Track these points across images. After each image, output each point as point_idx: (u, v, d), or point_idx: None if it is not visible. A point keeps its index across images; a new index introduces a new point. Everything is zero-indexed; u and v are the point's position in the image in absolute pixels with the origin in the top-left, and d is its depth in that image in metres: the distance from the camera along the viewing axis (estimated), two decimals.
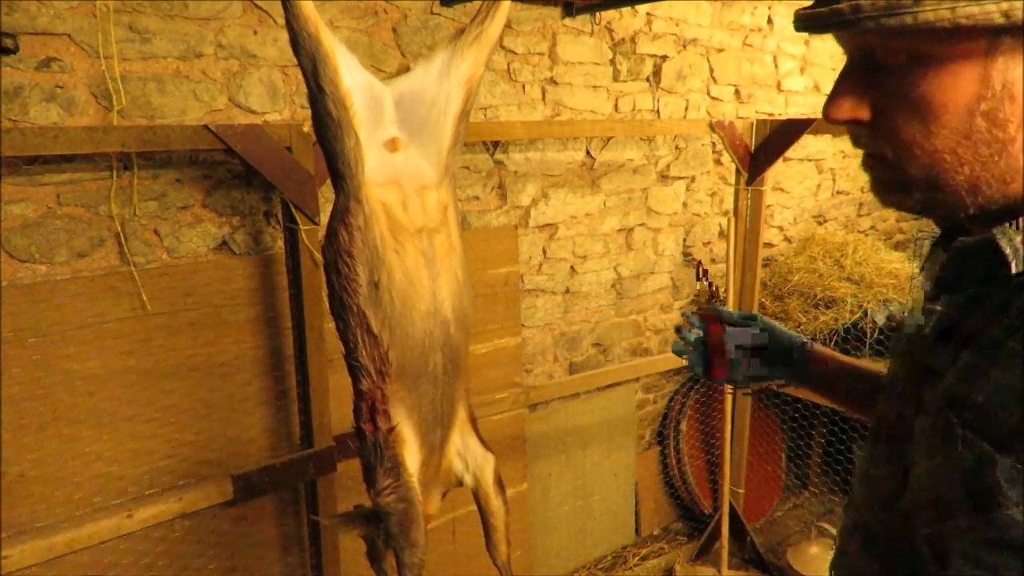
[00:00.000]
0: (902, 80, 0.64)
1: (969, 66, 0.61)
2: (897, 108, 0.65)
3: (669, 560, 3.25)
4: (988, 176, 0.65)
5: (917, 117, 0.64)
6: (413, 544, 1.13)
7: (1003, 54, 0.61)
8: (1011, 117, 0.62)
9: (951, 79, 0.62)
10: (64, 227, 1.84)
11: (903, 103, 0.65)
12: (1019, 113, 0.62)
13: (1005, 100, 0.62)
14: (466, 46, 1.15)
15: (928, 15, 0.57)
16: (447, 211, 1.16)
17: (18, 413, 1.79)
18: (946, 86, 0.63)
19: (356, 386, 1.11)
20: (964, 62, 0.62)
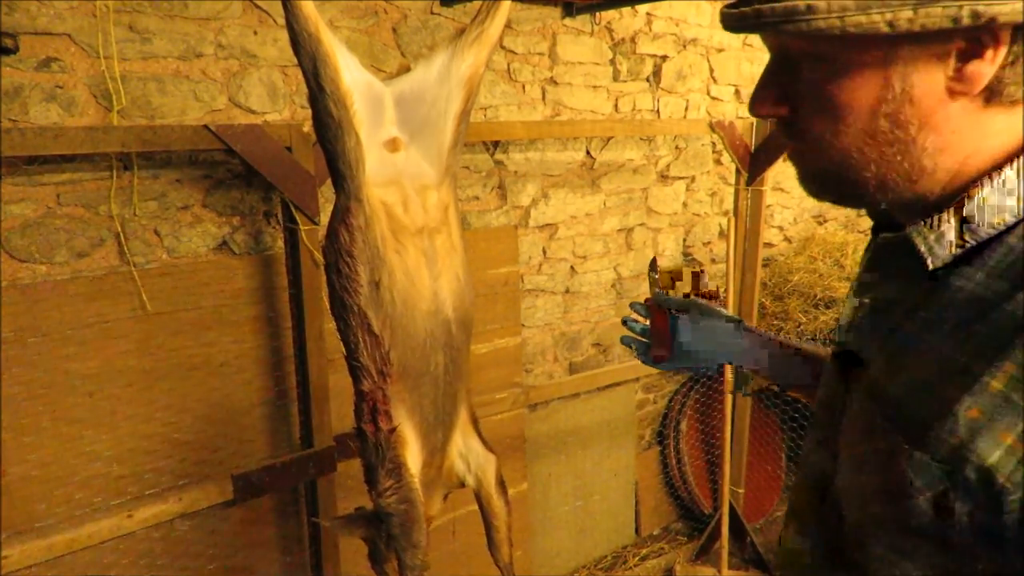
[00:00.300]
0: (812, 80, 0.67)
1: (870, 71, 0.65)
2: (809, 107, 0.69)
3: (669, 560, 3.25)
4: (894, 174, 0.68)
5: (826, 116, 0.68)
6: (415, 545, 1.13)
7: (901, 60, 0.64)
8: (912, 119, 0.66)
9: (854, 82, 0.65)
10: (64, 227, 1.84)
11: (814, 102, 0.68)
12: (919, 116, 0.66)
13: (905, 103, 0.65)
14: (466, 46, 1.15)
15: (820, 23, 0.60)
16: (448, 211, 1.16)
17: (18, 413, 1.79)
18: (850, 88, 0.66)
19: (357, 386, 1.11)
20: (865, 67, 0.65)
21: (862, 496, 0.69)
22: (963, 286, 0.65)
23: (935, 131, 0.66)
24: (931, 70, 0.64)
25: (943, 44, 0.63)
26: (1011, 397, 0.57)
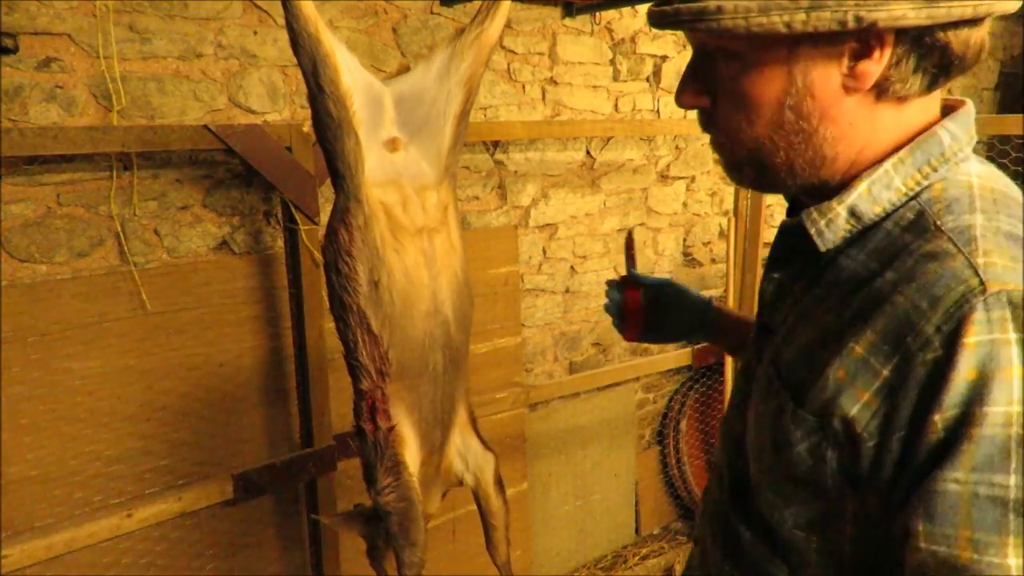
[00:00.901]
0: (726, 75, 0.73)
1: (775, 67, 0.71)
2: (724, 99, 0.75)
3: (669, 560, 3.25)
4: (801, 161, 0.75)
5: (739, 107, 0.74)
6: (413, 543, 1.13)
7: (802, 58, 0.70)
8: (813, 112, 0.72)
9: (762, 77, 0.72)
10: (64, 227, 1.84)
11: (728, 95, 0.74)
12: (819, 108, 0.72)
13: (807, 97, 0.72)
14: (466, 46, 1.15)
15: (727, 23, 0.66)
16: (447, 211, 1.16)
17: (18, 413, 1.79)
18: (759, 83, 0.72)
19: (356, 385, 1.11)
20: (771, 63, 0.71)
21: (759, 450, 0.78)
22: (847, 265, 0.74)
23: (833, 123, 0.73)
24: (828, 67, 0.70)
25: (837, 45, 0.69)
26: (869, 360, 0.66)
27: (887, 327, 0.66)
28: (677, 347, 3.40)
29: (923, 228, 0.70)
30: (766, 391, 0.78)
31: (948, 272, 0.64)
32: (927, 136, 0.74)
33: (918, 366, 0.63)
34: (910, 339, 0.64)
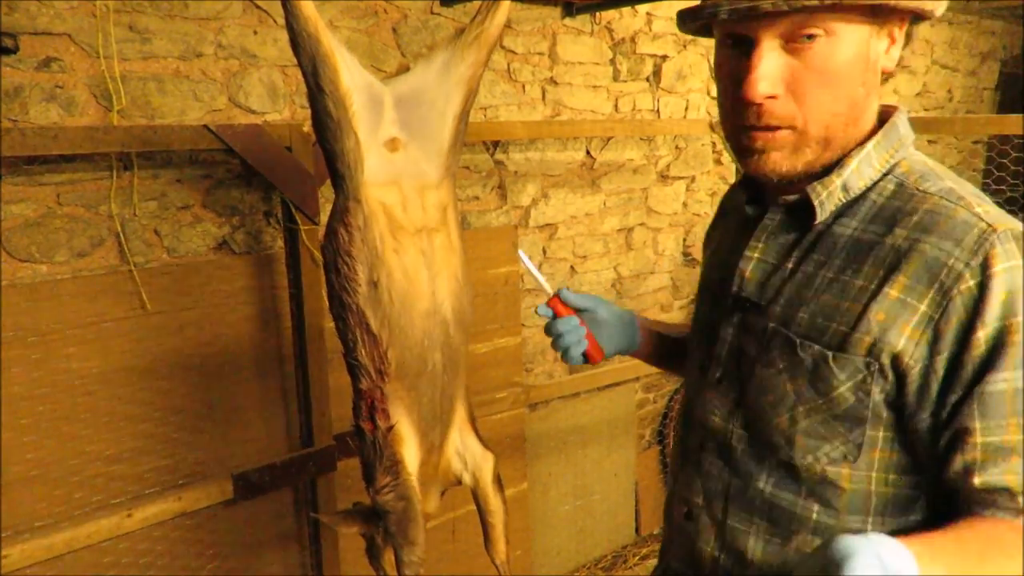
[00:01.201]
0: (819, 55, 0.80)
1: (859, 44, 0.81)
2: (811, 80, 0.81)
3: None
4: (843, 137, 0.86)
5: (827, 85, 0.82)
6: (412, 542, 1.13)
7: (874, 35, 0.82)
8: (871, 87, 0.85)
9: (851, 53, 0.81)
10: (64, 227, 1.84)
11: (817, 75, 0.81)
12: (873, 84, 0.85)
13: (871, 73, 0.84)
14: (466, 46, 1.15)
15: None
16: (447, 211, 1.16)
17: (18, 413, 1.79)
18: (848, 59, 0.81)
19: (355, 385, 1.11)
20: (857, 40, 0.81)
21: (791, 402, 0.87)
22: (843, 232, 0.87)
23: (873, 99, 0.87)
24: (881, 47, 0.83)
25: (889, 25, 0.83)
26: (906, 300, 0.79)
27: (918, 271, 0.78)
28: None
29: (908, 195, 0.84)
30: (783, 351, 0.87)
31: (960, 221, 0.79)
32: (892, 125, 0.88)
33: (955, 296, 0.77)
34: (944, 276, 0.77)
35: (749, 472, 0.93)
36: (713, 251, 1.12)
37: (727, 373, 0.96)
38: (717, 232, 1.14)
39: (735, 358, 0.94)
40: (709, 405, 0.98)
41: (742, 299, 0.94)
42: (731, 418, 0.95)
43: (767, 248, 0.93)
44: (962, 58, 4.42)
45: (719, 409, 0.96)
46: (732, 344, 0.95)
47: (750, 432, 0.92)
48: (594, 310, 1.19)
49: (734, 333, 0.95)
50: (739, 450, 0.94)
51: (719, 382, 0.97)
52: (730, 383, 0.95)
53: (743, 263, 0.95)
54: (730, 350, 0.95)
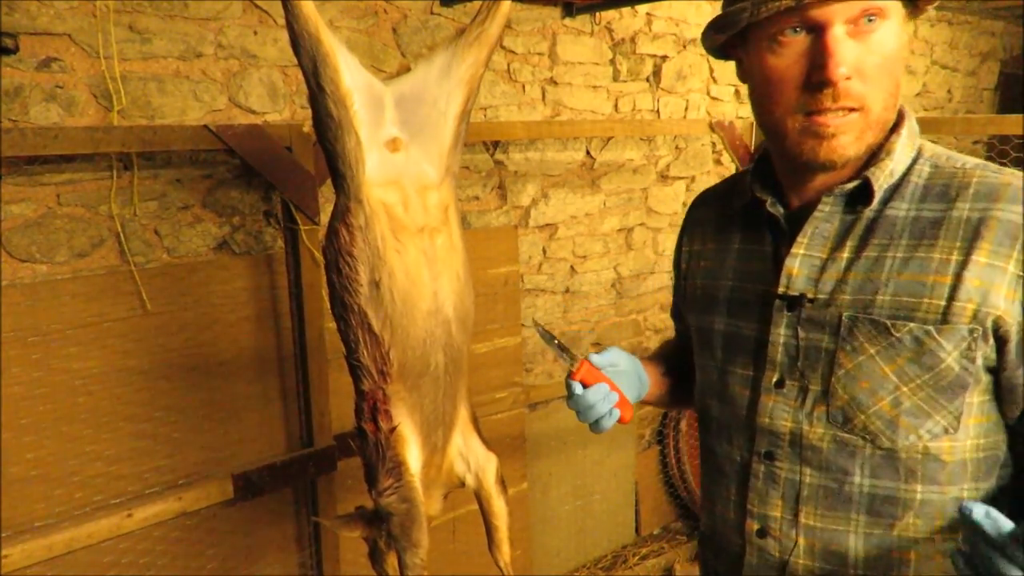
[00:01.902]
0: (883, 39, 0.85)
1: (902, 27, 0.87)
2: (877, 63, 0.85)
3: (669, 559, 3.25)
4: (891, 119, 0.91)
5: (890, 68, 0.86)
6: (415, 544, 1.13)
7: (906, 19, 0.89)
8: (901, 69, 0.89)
9: (900, 37, 0.87)
10: (64, 227, 1.84)
11: (883, 58, 0.85)
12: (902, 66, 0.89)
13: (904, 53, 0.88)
14: (466, 46, 1.15)
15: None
16: (448, 211, 1.16)
17: (18, 413, 1.79)
18: (899, 43, 0.87)
19: (357, 386, 1.11)
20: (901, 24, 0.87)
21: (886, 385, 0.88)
22: (896, 214, 0.90)
23: None
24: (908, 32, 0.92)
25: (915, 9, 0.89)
26: (994, 264, 0.84)
27: (999, 236, 0.83)
28: None
29: (949, 174, 0.90)
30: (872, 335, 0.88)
31: (1016, 187, 0.86)
32: (909, 115, 0.95)
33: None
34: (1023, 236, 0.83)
35: (841, 468, 0.91)
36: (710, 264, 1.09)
37: (789, 374, 0.95)
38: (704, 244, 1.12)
39: (798, 357, 0.94)
40: (774, 410, 0.96)
41: (792, 298, 0.94)
42: (808, 418, 0.93)
43: (811, 244, 0.94)
44: (962, 58, 4.43)
45: (787, 412, 0.95)
46: (790, 343, 0.94)
47: (839, 426, 0.91)
48: (616, 363, 1.10)
49: (788, 334, 0.94)
50: (825, 448, 0.92)
51: (779, 385, 0.96)
52: (796, 383, 0.94)
53: (789, 261, 0.94)
54: (788, 350, 0.95)
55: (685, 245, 1.18)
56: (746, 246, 1.04)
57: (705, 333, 1.08)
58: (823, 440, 0.92)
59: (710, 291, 1.08)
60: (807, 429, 0.93)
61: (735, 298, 1.03)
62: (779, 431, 0.95)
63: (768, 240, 1.01)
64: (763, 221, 1.01)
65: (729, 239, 1.07)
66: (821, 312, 0.91)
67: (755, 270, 1.01)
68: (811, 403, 0.93)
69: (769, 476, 0.97)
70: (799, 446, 0.94)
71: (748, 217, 1.05)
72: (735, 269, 1.04)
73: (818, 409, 0.92)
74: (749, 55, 0.94)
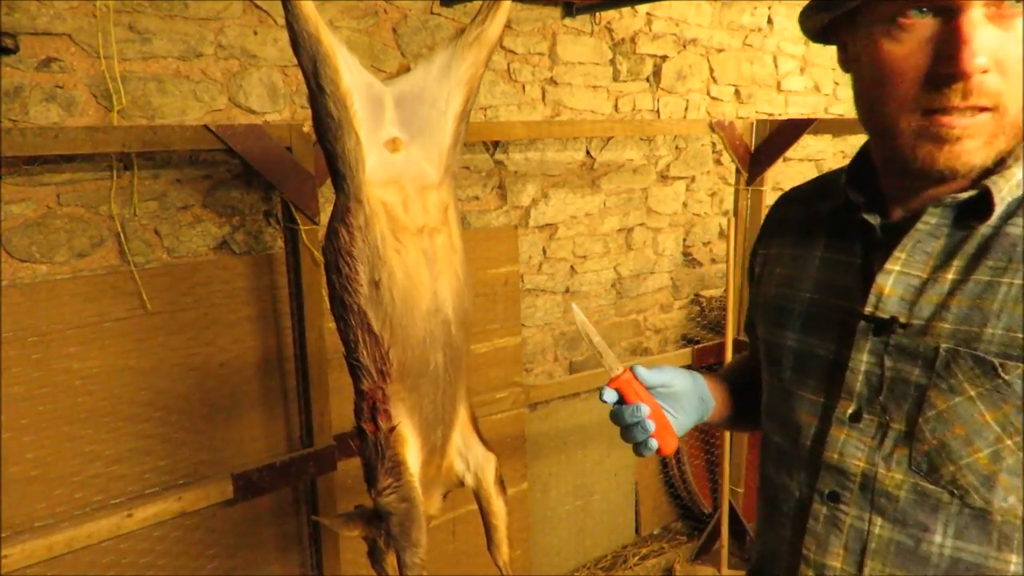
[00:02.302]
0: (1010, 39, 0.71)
1: None
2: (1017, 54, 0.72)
3: (669, 559, 3.25)
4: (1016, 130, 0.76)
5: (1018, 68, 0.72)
6: (414, 544, 1.13)
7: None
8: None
9: None
10: (64, 227, 1.84)
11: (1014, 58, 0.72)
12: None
13: None
14: (466, 46, 1.15)
15: None
16: (448, 211, 1.16)
17: (18, 413, 1.79)
18: None
19: (357, 386, 1.11)
20: None
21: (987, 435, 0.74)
22: (1018, 233, 0.75)
23: None
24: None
25: None
26: None
27: None
28: (677, 347, 3.40)
29: None
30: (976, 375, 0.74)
31: None
32: None
33: None
34: None
35: (920, 523, 0.78)
36: (787, 270, 0.97)
37: (869, 406, 0.82)
38: (782, 248, 1.00)
39: (881, 388, 0.81)
40: (846, 447, 0.84)
41: (882, 320, 0.81)
42: (886, 460, 0.80)
43: (910, 259, 0.81)
44: None
45: (861, 450, 0.82)
46: (872, 372, 0.82)
47: (920, 475, 0.78)
48: (670, 383, 0.99)
49: (873, 360, 0.81)
50: (902, 498, 0.79)
51: (854, 419, 0.83)
52: (876, 418, 0.82)
53: (882, 278, 0.81)
54: (869, 379, 0.82)
55: (761, 247, 1.06)
56: (831, 255, 0.91)
57: (774, 348, 0.96)
58: (901, 488, 0.79)
59: (784, 302, 0.95)
60: (883, 473, 0.80)
61: (812, 313, 0.91)
62: (849, 471, 0.83)
63: (858, 251, 0.87)
64: (854, 229, 0.88)
65: (812, 245, 0.94)
66: (914, 340, 0.78)
67: (839, 284, 0.88)
68: (891, 443, 0.80)
69: (831, 520, 0.85)
70: (871, 491, 0.81)
71: (837, 223, 0.92)
72: (816, 280, 0.92)
73: (899, 451, 0.79)
74: (858, 39, 0.80)
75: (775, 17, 3.45)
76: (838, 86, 3.83)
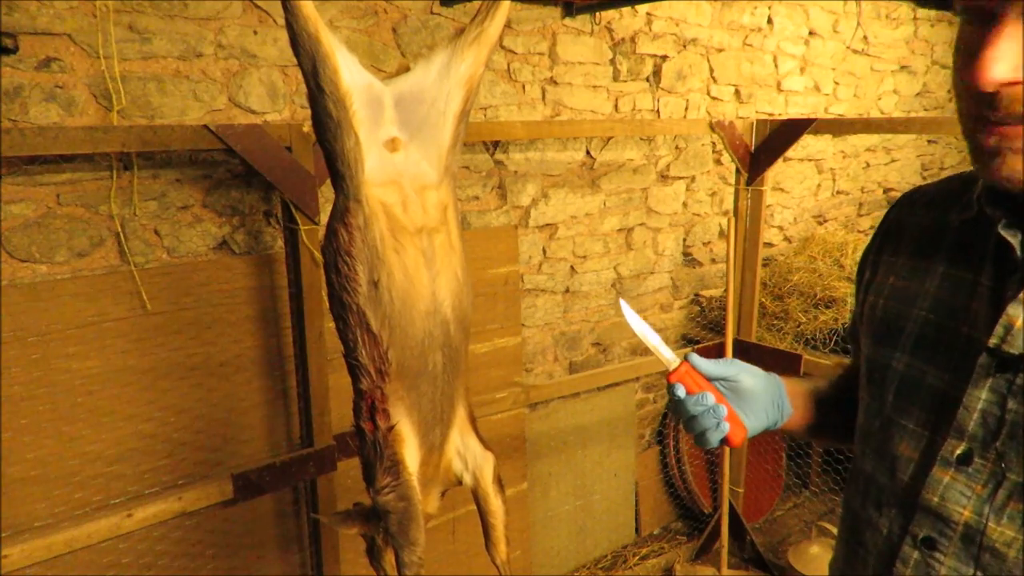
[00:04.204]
0: None
1: None
2: None
3: (669, 559, 3.25)
4: None
5: None
6: (412, 542, 1.13)
7: None
8: None
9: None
10: (64, 227, 1.84)
11: None
12: None
13: None
14: (466, 46, 1.15)
15: None
16: (447, 211, 1.16)
17: (18, 413, 1.79)
18: None
19: (356, 385, 1.11)
20: None
21: None
22: None
23: None
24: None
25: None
26: None
27: None
28: (677, 347, 3.40)
29: None
30: None
31: None
32: None
33: None
34: None
35: None
36: (902, 282, 0.87)
37: (982, 451, 0.73)
38: (897, 256, 0.90)
39: (999, 432, 0.72)
40: (949, 491, 0.75)
41: (1009, 356, 0.71)
42: (998, 513, 0.71)
43: None
44: None
45: (968, 498, 0.73)
46: (991, 412, 0.72)
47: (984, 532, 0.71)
48: (735, 378, 0.95)
49: (992, 400, 0.72)
50: (1011, 557, 0.70)
51: (963, 461, 0.74)
52: (990, 465, 0.72)
53: (1014, 309, 0.71)
54: (985, 421, 0.73)
55: (874, 251, 0.95)
56: (956, 271, 0.81)
57: (877, 368, 0.87)
58: (1011, 546, 0.70)
59: (895, 317, 0.86)
60: (991, 526, 0.72)
61: (927, 335, 0.81)
62: (950, 518, 0.75)
63: (989, 272, 0.76)
64: (987, 245, 0.77)
65: (933, 258, 0.84)
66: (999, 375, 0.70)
67: (962, 306, 0.78)
68: (1005, 495, 0.71)
69: (924, 569, 0.77)
70: (976, 544, 0.73)
71: (966, 235, 0.81)
72: (935, 299, 0.82)
73: (1013, 505, 0.70)
74: None
75: (775, 17, 3.45)
76: (838, 86, 3.83)
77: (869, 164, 4.19)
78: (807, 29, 3.63)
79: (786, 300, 3.27)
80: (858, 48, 3.87)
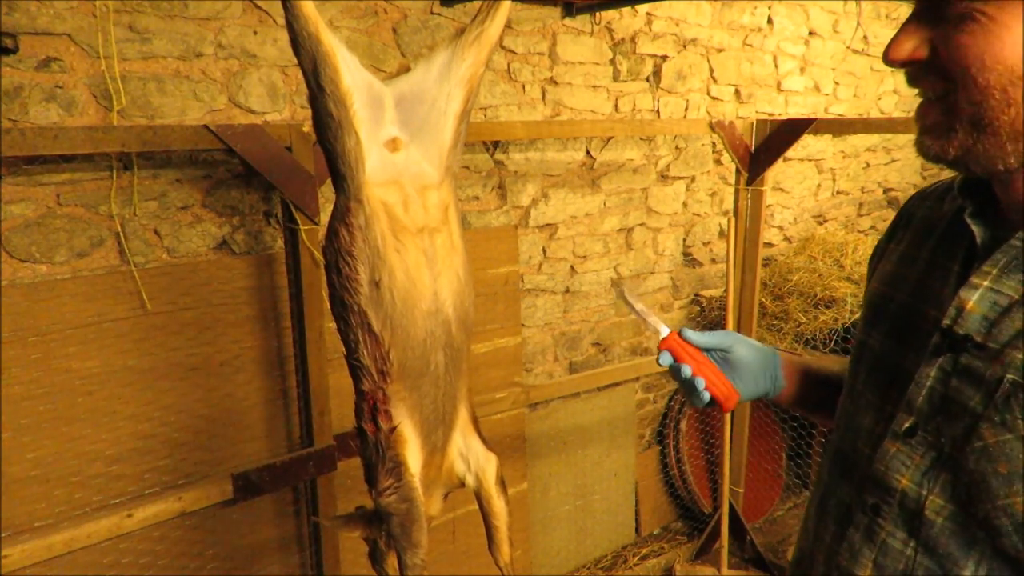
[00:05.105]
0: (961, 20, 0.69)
1: None
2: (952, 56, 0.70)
3: (669, 560, 3.25)
4: None
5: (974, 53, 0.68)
6: (415, 545, 1.13)
7: None
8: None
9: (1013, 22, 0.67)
10: (64, 227, 1.84)
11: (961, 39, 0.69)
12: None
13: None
14: (466, 46, 1.15)
15: None
16: (448, 211, 1.16)
17: (18, 413, 1.79)
18: None
19: (357, 386, 1.11)
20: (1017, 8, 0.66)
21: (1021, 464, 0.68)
22: None
23: None
24: None
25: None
26: None
27: None
28: None
29: None
30: None
31: None
32: None
33: None
34: None
35: (950, 555, 0.73)
36: (892, 267, 0.92)
37: (925, 425, 0.77)
38: (899, 244, 0.94)
39: (940, 408, 0.75)
40: (892, 461, 0.79)
41: (957, 337, 0.75)
42: (929, 482, 0.75)
43: (1001, 276, 0.74)
44: None
45: (908, 468, 0.78)
46: (935, 390, 0.76)
47: (959, 505, 0.73)
48: (729, 348, 1.01)
49: (939, 377, 0.76)
50: (937, 524, 0.74)
51: (909, 434, 0.78)
52: (929, 438, 0.76)
53: (965, 292, 0.75)
54: (931, 397, 0.76)
55: (885, 240, 1.00)
56: (937, 258, 0.85)
57: (859, 347, 0.92)
58: (939, 514, 0.74)
59: (881, 301, 0.90)
60: (924, 494, 0.76)
61: (901, 316, 0.85)
62: (891, 486, 0.79)
63: (960, 258, 0.80)
64: (964, 236, 0.81)
65: (922, 246, 0.88)
66: (984, 365, 0.72)
67: (935, 291, 0.82)
68: (938, 466, 0.75)
69: (868, 533, 0.81)
70: (910, 512, 0.77)
71: (954, 224, 0.85)
72: (915, 283, 0.86)
73: (944, 476, 0.74)
74: None
75: (775, 17, 3.45)
76: (838, 86, 3.83)
77: (869, 164, 4.19)
78: (807, 29, 3.63)
79: (786, 300, 3.27)
80: (858, 48, 3.87)
